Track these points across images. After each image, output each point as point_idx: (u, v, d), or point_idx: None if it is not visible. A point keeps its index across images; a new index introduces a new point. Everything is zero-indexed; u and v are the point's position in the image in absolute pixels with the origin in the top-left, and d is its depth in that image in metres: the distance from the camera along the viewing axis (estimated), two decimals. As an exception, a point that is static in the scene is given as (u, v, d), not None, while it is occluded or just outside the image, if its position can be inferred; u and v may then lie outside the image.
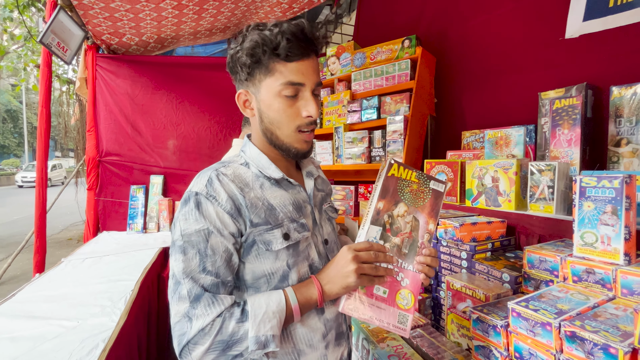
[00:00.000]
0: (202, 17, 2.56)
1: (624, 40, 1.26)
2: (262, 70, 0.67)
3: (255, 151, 0.74)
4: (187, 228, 0.63)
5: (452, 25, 2.01)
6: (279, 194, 0.71)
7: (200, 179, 0.67)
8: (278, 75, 0.66)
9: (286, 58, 0.65)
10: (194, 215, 0.63)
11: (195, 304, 0.59)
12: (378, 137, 2.00)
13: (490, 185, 1.28)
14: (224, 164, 0.71)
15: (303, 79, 0.67)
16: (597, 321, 0.62)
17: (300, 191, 0.75)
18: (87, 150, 2.87)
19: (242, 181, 0.69)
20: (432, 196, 0.70)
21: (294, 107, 0.68)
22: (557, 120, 1.23)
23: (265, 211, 0.67)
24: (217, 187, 0.65)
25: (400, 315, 0.67)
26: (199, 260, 0.62)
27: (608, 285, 0.73)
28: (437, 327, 1.14)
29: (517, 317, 0.70)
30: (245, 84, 0.71)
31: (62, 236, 6.31)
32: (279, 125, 0.69)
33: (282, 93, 0.67)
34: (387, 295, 0.68)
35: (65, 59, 2.30)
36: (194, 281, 0.60)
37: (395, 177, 0.71)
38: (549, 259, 0.86)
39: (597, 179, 0.77)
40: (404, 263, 0.69)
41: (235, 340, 0.59)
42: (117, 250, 2.36)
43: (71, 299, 1.55)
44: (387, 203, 0.70)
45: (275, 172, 0.72)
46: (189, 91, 3.04)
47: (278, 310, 0.62)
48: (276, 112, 0.68)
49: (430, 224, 0.70)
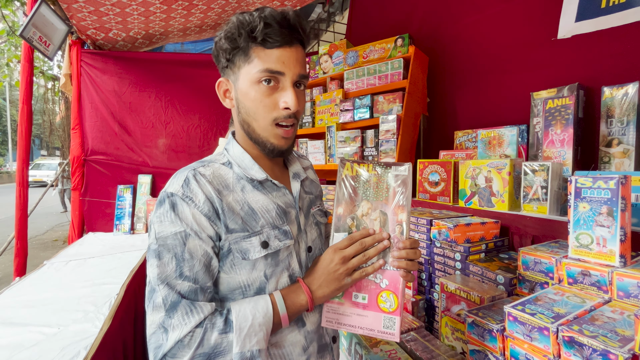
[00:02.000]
0: (192, 13, 2.49)
1: (616, 41, 1.26)
2: (241, 56, 0.63)
3: (239, 150, 0.70)
4: (162, 231, 0.59)
5: (445, 25, 2.00)
6: (261, 198, 0.66)
7: (176, 179, 0.63)
8: (256, 62, 0.62)
9: (265, 43, 0.61)
10: (169, 217, 0.59)
11: (172, 312, 0.55)
12: (371, 137, 1.98)
13: (483, 185, 1.27)
14: (204, 163, 0.67)
15: (283, 67, 0.62)
16: (594, 325, 0.60)
17: (286, 194, 0.71)
18: (72, 148, 2.78)
19: (221, 182, 0.64)
20: (396, 183, 0.65)
21: (272, 98, 0.64)
22: (549, 120, 1.23)
23: (244, 217, 0.63)
24: (193, 187, 0.61)
25: (385, 319, 0.63)
26: (175, 265, 0.57)
27: (604, 287, 0.72)
28: (430, 330, 1.12)
29: (513, 322, 0.68)
30: (226, 71, 0.67)
31: (47, 237, 6.14)
32: (255, 117, 0.65)
33: (259, 81, 0.63)
34: (367, 300, 0.64)
35: (47, 54, 2.21)
36: (170, 288, 0.56)
37: (350, 176, 0.67)
38: (544, 260, 0.84)
39: (593, 180, 0.75)
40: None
41: (217, 353, 0.55)
42: (102, 252, 2.29)
43: (53, 304, 1.49)
44: (347, 206, 0.66)
45: (258, 173, 0.67)
46: (178, 89, 2.97)
47: (265, 321, 0.58)
48: (252, 102, 0.64)
49: (400, 214, 0.64)
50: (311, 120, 2.35)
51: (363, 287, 0.65)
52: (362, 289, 0.65)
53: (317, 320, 0.70)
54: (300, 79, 0.65)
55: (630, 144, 1.09)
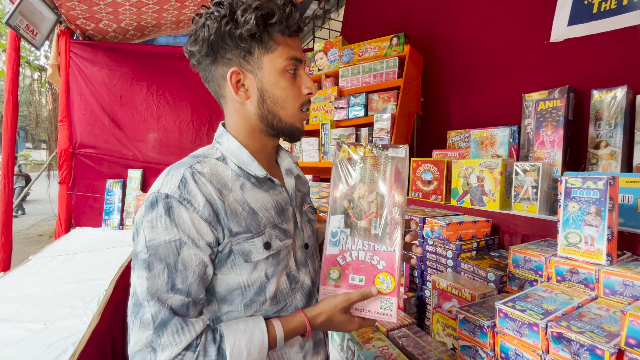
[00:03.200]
0: (186, 6, 2.45)
1: (606, 45, 1.29)
2: (261, 45, 0.61)
3: (235, 144, 0.65)
4: (154, 238, 0.53)
5: (440, 25, 2.01)
6: (260, 197, 0.64)
7: (170, 177, 0.57)
8: (282, 50, 0.61)
9: (285, 31, 0.61)
10: (163, 222, 0.54)
11: (161, 331, 0.51)
12: (365, 135, 1.98)
13: (475, 184, 1.29)
14: (199, 158, 0.62)
15: (300, 54, 0.64)
16: (582, 321, 0.62)
17: (282, 192, 0.69)
18: (59, 141, 2.71)
19: (220, 181, 0.60)
20: (393, 165, 0.65)
21: (296, 85, 0.64)
22: (540, 122, 1.25)
23: (246, 218, 0.60)
24: (192, 188, 0.56)
25: (382, 301, 0.63)
26: (167, 277, 0.53)
27: (591, 285, 0.74)
28: (422, 327, 1.14)
29: (504, 318, 0.70)
30: (237, 61, 0.61)
31: (33, 232, 6.00)
32: (284, 105, 0.64)
33: (286, 69, 0.62)
34: (364, 282, 0.63)
35: (35, 43, 2.14)
36: (161, 303, 0.52)
37: (347, 158, 0.66)
38: (533, 258, 0.86)
39: (582, 180, 0.77)
40: (377, 245, 0.64)
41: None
42: (91, 247, 2.25)
43: (39, 299, 1.46)
44: (344, 188, 0.66)
45: (258, 170, 0.64)
46: (171, 82, 2.93)
47: (259, 357, 0.56)
48: (283, 90, 0.63)
49: (397, 195, 0.64)
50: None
51: (360, 269, 0.64)
52: (359, 270, 0.64)
53: None
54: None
55: (618, 147, 1.12)
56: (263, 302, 0.63)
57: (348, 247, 0.65)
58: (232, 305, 0.61)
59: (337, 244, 0.66)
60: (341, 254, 0.65)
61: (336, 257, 0.65)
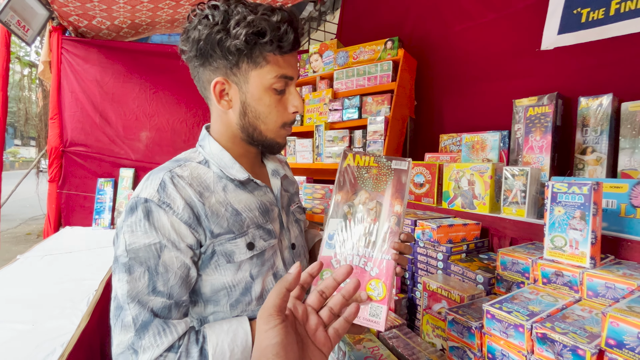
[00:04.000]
0: (181, 5, 2.44)
1: (593, 54, 1.33)
2: (250, 59, 0.59)
3: (216, 147, 0.66)
4: (133, 242, 0.54)
5: (434, 30, 2.04)
6: (244, 197, 0.64)
7: (149, 181, 0.58)
8: (271, 67, 0.60)
9: (279, 49, 0.59)
10: (142, 226, 0.54)
11: (142, 333, 0.51)
12: (359, 137, 2.00)
13: (466, 188, 1.31)
14: (179, 162, 0.63)
15: (293, 72, 0.63)
16: (565, 323, 0.64)
17: (267, 192, 0.70)
18: (50, 139, 2.67)
19: (201, 184, 0.61)
20: (395, 176, 0.66)
21: (282, 102, 0.64)
22: (530, 127, 1.28)
23: (229, 219, 0.61)
24: (171, 192, 0.56)
25: (372, 307, 0.63)
26: (148, 280, 0.53)
27: (575, 287, 0.76)
28: (412, 328, 1.15)
29: (491, 319, 0.71)
30: (224, 71, 0.61)
31: (20, 230, 5.87)
32: (266, 120, 0.63)
33: (273, 86, 0.61)
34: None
35: (26, 39, 2.12)
36: (141, 305, 0.52)
37: (352, 166, 0.68)
38: (520, 261, 0.88)
39: (568, 185, 0.80)
40: (372, 252, 0.65)
41: None
42: (80, 247, 2.22)
43: (27, 299, 1.43)
44: (345, 194, 0.67)
45: (240, 173, 0.65)
46: (164, 81, 2.90)
47: (243, 357, 0.55)
48: (267, 107, 0.62)
49: (396, 205, 0.65)
50: (299, 119, 2.35)
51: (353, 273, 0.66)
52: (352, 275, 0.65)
53: None
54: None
55: (603, 152, 1.15)
56: (249, 302, 0.63)
57: (343, 250, 0.66)
58: (218, 305, 0.61)
59: (332, 247, 0.67)
60: (336, 257, 0.66)
61: (331, 260, 0.66)
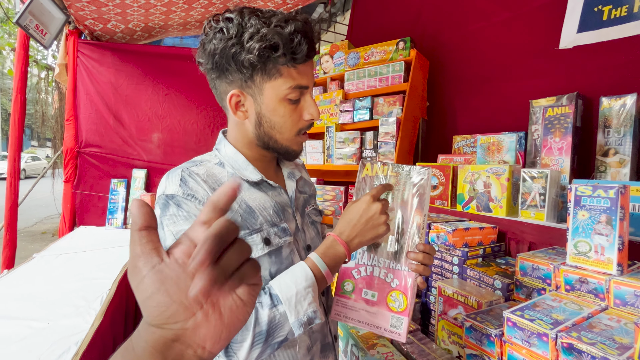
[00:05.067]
0: (193, 8, 2.47)
1: (616, 53, 1.28)
2: (264, 71, 0.60)
3: (231, 150, 0.68)
4: (180, 229, 0.57)
5: (447, 30, 2.01)
6: (258, 196, 0.66)
7: (170, 179, 0.61)
8: (285, 79, 0.61)
9: (294, 60, 0.60)
10: (181, 215, 0.58)
11: None
12: (370, 139, 1.98)
13: (482, 190, 1.28)
14: (195, 162, 0.66)
15: (307, 81, 0.63)
16: (593, 332, 0.61)
17: (281, 193, 0.70)
18: (65, 140, 2.73)
19: (216, 181, 0.63)
20: (415, 186, 0.66)
21: (297, 111, 0.64)
22: (549, 128, 1.24)
23: (242, 215, 0.62)
24: (192, 185, 0.60)
25: (393, 319, 0.63)
26: None
27: (601, 295, 0.73)
28: (426, 333, 1.12)
29: (512, 327, 0.69)
30: (239, 83, 0.62)
31: (36, 229, 6.02)
32: (281, 130, 0.65)
33: (287, 97, 0.62)
34: (376, 298, 0.64)
35: (44, 42, 2.17)
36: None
37: (370, 176, 0.67)
38: (541, 267, 0.85)
39: (593, 189, 0.76)
40: (392, 263, 0.65)
41: (275, 326, 0.55)
42: (94, 246, 2.25)
43: (42, 297, 1.46)
44: None
45: (253, 174, 0.67)
46: (176, 83, 2.94)
47: (309, 284, 0.58)
48: (281, 117, 0.63)
49: (417, 216, 0.65)
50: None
51: (374, 284, 0.65)
52: (373, 286, 0.65)
53: (322, 320, 0.70)
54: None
55: (627, 154, 1.11)
56: None
57: (364, 261, 0.66)
58: None
59: (353, 257, 0.67)
60: (356, 268, 0.66)
61: (351, 270, 0.66)
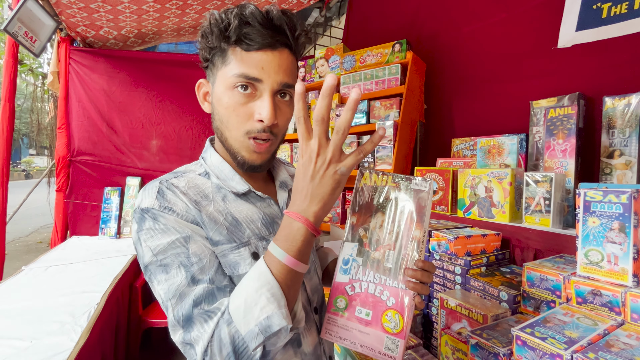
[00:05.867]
0: (186, 13, 2.44)
1: (617, 51, 1.24)
2: (219, 57, 0.58)
3: (217, 158, 0.63)
4: (158, 244, 0.53)
5: (444, 32, 1.98)
6: (245, 208, 0.61)
7: (146, 192, 0.57)
8: (233, 65, 0.56)
9: (242, 44, 0.55)
10: (158, 229, 0.53)
11: (189, 327, 0.49)
12: (367, 143, 1.93)
13: (483, 195, 1.23)
14: (177, 174, 0.61)
15: (261, 73, 0.55)
16: (611, 353, 0.56)
17: (271, 204, 0.65)
18: (57, 148, 2.68)
19: (199, 193, 0.58)
20: (415, 198, 0.60)
21: (247, 107, 0.56)
22: (551, 130, 1.20)
23: (228, 227, 0.57)
24: (170, 197, 0.55)
25: (387, 340, 0.57)
26: (185, 272, 0.51)
27: (616, 308, 0.68)
28: (428, 347, 1.07)
29: (522, 346, 0.63)
30: (207, 72, 0.62)
31: (32, 239, 5.94)
32: (228, 126, 0.58)
33: (234, 86, 0.56)
34: (370, 317, 0.58)
35: (33, 50, 2.13)
36: (183, 299, 0.50)
37: (368, 185, 0.62)
38: (550, 277, 0.80)
39: (603, 194, 0.72)
40: (388, 279, 0.59)
41: (238, 345, 0.48)
42: (86, 257, 2.19)
43: (27, 313, 1.40)
44: (361, 216, 0.61)
45: (239, 185, 0.62)
46: (170, 89, 2.90)
47: (261, 284, 0.49)
48: (225, 109, 0.57)
49: (416, 230, 0.59)
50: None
51: (368, 302, 0.59)
52: (367, 304, 0.59)
53: (315, 340, 0.64)
54: (283, 88, 0.57)
55: (633, 156, 1.07)
56: None
57: (358, 277, 0.60)
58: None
59: (347, 272, 0.61)
60: (350, 284, 0.60)
61: (345, 286, 0.60)
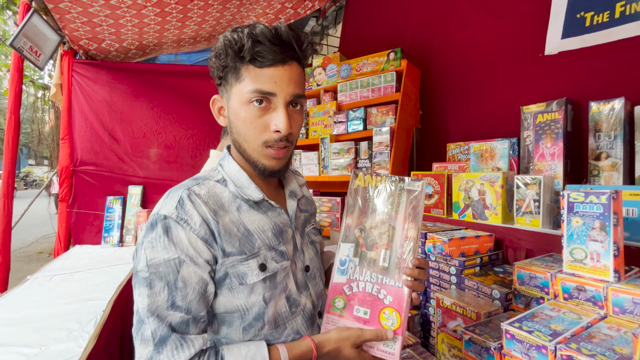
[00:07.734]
0: (186, 25, 2.51)
1: (601, 58, 1.30)
2: (233, 74, 0.62)
3: (235, 167, 0.67)
4: (154, 257, 0.55)
5: (436, 39, 2.05)
6: (257, 218, 0.64)
7: (169, 199, 0.60)
8: (247, 82, 0.60)
9: (255, 62, 0.59)
10: (162, 242, 0.56)
11: (161, 347, 0.52)
12: (364, 149, 1.98)
13: (477, 198, 1.27)
14: (198, 181, 0.64)
15: (275, 88, 0.60)
16: (592, 343, 0.60)
17: (281, 213, 0.69)
18: (61, 159, 2.73)
19: (217, 202, 0.62)
20: (409, 198, 0.63)
21: (263, 119, 0.61)
22: (540, 134, 1.25)
23: (241, 239, 0.61)
24: (189, 209, 0.58)
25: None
26: (167, 294, 0.54)
27: (599, 303, 0.72)
28: (426, 346, 1.10)
29: (511, 339, 0.67)
30: (220, 89, 0.67)
31: (33, 249, 5.95)
32: (246, 138, 0.63)
33: (250, 101, 0.61)
34: (368, 316, 0.61)
35: (38, 64, 2.18)
36: (160, 320, 0.53)
37: (362, 187, 0.65)
38: (539, 275, 0.84)
39: (585, 195, 0.76)
40: (385, 278, 0.62)
41: None
42: (89, 265, 2.22)
43: (35, 321, 1.43)
44: (356, 217, 0.65)
45: (255, 193, 0.65)
46: (171, 99, 2.96)
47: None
48: (243, 123, 0.62)
49: (410, 229, 0.62)
50: (305, 132, 2.36)
51: (366, 301, 0.62)
52: (365, 303, 0.62)
53: None
54: (295, 99, 0.63)
55: (619, 157, 1.11)
56: (262, 326, 0.62)
57: (356, 277, 0.64)
58: (231, 327, 0.61)
59: (344, 273, 0.65)
60: (348, 284, 0.64)
61: (343, 286, 0.64)
